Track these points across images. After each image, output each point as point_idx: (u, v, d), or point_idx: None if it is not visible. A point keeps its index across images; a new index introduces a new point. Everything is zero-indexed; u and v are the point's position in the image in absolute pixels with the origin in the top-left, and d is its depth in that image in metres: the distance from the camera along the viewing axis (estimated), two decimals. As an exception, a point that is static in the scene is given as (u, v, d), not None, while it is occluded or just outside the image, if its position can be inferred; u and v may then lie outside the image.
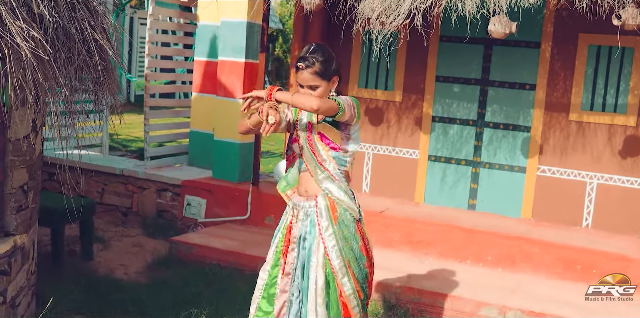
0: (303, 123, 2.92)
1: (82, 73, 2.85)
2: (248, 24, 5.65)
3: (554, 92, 5.46)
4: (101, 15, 3.11)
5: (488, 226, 5.17)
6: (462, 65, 5.73)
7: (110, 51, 3.04)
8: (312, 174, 2.88)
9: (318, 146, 2.87)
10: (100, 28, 3.02)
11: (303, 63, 2.75)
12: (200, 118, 6.20)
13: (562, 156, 5.47)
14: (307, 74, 2.76)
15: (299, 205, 2.94)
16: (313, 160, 2.87)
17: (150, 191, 5.81)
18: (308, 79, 2.77)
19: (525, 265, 4.86)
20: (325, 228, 2.84)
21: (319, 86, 2.79)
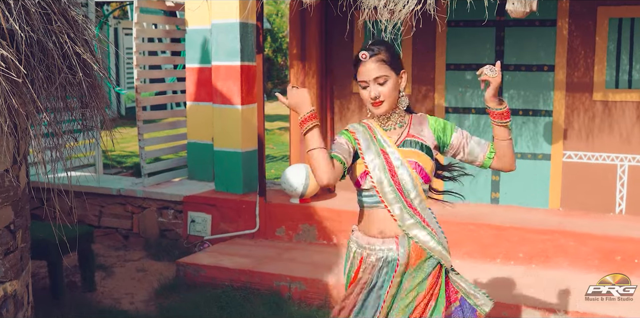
0: (373, 151, 2.39)
1: (65, 93, 2.66)
2: (241, 25, 5.50)
3: (575, 71, 5.31)
4: (82, 26, 2.89)
5: (516, 221, 5.03)
6: (474, 50, 5.58)
7: (95, 65, 2.84)
8: (396, 218, 2.37)
9: (407, 180, 2.37)
10: (82, 41, 2.83)
11: (366, 51, 2.34)
12: (198, 128, 6.06)
13: (589, 139, 5.33)
14: (371, 64, 2.33)
15: (373, 248, 2.42)
16: (399, 201, 2.36)
17: (151, 210, 5.68)
18: (374, 68, 2.32)
19: (560, 260, 4.72)
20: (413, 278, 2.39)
21: (387, 79, 2.34)
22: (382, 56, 2.35)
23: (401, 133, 2.45)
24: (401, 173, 2.36)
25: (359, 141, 2.41)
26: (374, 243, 2.43)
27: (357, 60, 2.37)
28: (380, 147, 2.40)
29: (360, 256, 2.46)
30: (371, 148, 2.40)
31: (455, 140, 2.46)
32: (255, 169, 5.52)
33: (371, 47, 2.36)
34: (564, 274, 4.55)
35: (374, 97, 2.34)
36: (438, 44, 5.67)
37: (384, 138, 2.42)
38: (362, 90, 2.38)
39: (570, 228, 4.83)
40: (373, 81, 2.33)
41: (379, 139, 2.42)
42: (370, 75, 2.33)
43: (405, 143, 2.42)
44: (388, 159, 2.38)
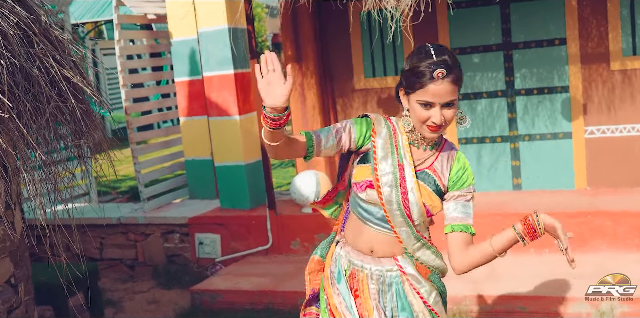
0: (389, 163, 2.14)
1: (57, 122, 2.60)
2: (231, 30, 5.46)
3: (588, 42, 5.32)
4: (68, 46, 2.81)
5: (544, 206, 5.01)
6: (479, 31, 5.59)
7: (88, 88, 2.76)
8: (402, 242, 2.19)
9: (415, 208, 2.15)
10: (70, 63, 2.76)
11: (442, 68, 1.99)
12: (194, 144, 6.04)
13: (610, 111, 5.33)
14: (447, 85, 2.01)
15: (366, 267, 2.25)
16: (406, 224, 2.17)
17: (155, 236, 5.66)
18: (449, 92, 2.01)
19: (598, 242, 4.71)
20: (427, 293, 2.24)
21: (455, 103, 2.06)
22: (455, 74, 2.03)
23: (426, 158, 2.20)
24: (411, 202, 2.14)
25: (377, 147, 2.15)
26: (369, 262, 2.24)
27: (423, 75, 2.01)
28: (399, 161, 2.15)
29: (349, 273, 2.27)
30: (388, 159, 2.15)
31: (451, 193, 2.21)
32: (261, 182, 5.50)
33: (443, 59, 2.01)
34: (605, 257, 4.54)
35: (440, 123, 2.05)
36: (440, 28, 5.68)
37: (406, 153, 2.16)
38: (420, 107, 2.05)
39: (603, 208, 4.83)
40: (442, 106, 2.03)
41: (400, 150, 2.16)
42: (443, 98, 2.02)
43: (424, 175, 2.17)
44: (403, 176, 2.14)
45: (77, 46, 2.86)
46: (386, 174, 2.14)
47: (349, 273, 2.27)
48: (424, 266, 2.25)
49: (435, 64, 2.01)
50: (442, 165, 2.20)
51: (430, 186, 2.17)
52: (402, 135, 2.18)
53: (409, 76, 2.07)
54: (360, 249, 2.26)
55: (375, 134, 2.16)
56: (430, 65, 2.01)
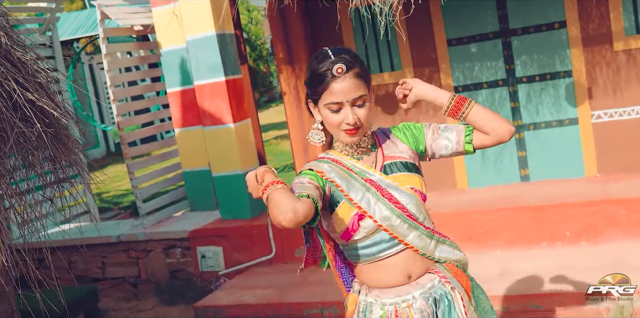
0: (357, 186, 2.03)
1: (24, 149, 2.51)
2: (219, 37, 5.38)
3: (589, 24, 5.17)
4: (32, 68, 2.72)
5: (554, 197, 4.91)
6: (474, 20, 5.46)
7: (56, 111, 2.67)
8: (419, 249, 2.05)
9: (410, 203, 2.05)
10: (35, 85, 2.69)
11: (341, 64, 1.93)
12: (191, 155, 5.97)
13: (617, 94, 5.19)
14: (350, 80, 1.94)
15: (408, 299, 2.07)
16: (415, 227, 2.04)
17: (157, 252, 5.59)
18: (353, 87, 1.94)
19: (612, 232, 4.58)
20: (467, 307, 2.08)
21: (366, 100, 1.98)
22: (358, 69, 1.96)
23: (375, 158, 2.10)
24: (402, 199, 2.03)
25: (335, 181, 2.02)
26: (408, 290, 2.06)
27: (324, 75, 1.94)
28: (362, 177, 2.04)
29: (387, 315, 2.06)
30: (353, 183, 2.02)
31: (428, 142, 2.13)
32: (261, 189, 5.39)
33: (342, 56, 1.95)
34: (620, 247, 4.40)
35: (354, 124, 1.96)
36: (434, 19, 5.55)
37: (360, 167, 2.06)
38: (330, 113, 1.97)
39: (616, 195, 4.70)
40: (350, 103, 1.95)
41: (354, 169, 2.05)
42: (349, 95, 1.93)
43: (388, 169, 2.08)
44: (380, 187, 2.03)
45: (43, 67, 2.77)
46: (363, 197, 2.01)
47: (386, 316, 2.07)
48: (461, 273, 2.12)
49: (334, 62, 1.94)
50: (390, 146, 2.13)
51: (401, 170, 2.07)
52: (346, 161, 2.08)
53: (312, 82, 1.99)
54: (395, 283, 2.07)
55: (323, 172, 2.04)
56: (329, 64, 1.94)
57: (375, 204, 2.00)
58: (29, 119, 2.52)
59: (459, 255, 2.17)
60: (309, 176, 2.01)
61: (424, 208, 2.09)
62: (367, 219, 2.00)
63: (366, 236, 2.03)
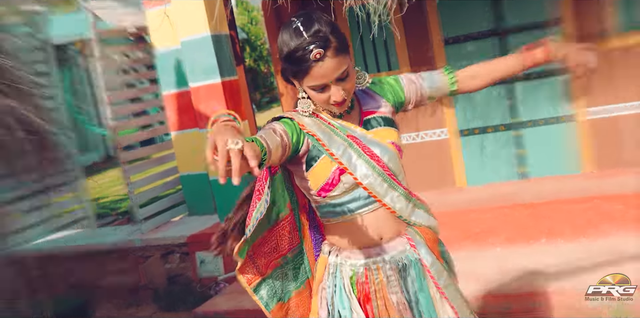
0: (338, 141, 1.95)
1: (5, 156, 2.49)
2: (214, 38, 5.35)
3: (584, 21, 5.15)
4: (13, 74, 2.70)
5: (552, 194, 4.91)
6: (470, 18, 5.43)
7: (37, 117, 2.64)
8: (396, 211, 2.03)
9: (392, 160, 2.02)
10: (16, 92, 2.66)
11: (318, 45, 1.77)
12: (188, 159, 5.93)
13: (612, 90, 5.15)
14: (329, 61, 1.79)
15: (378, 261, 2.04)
16: (395, 188, 2.01)
17: (155, 258, 5.56)
18: (335, 66, 1.81)
19: (609, 227, 4.57)
20: (437, 275, 2.06)
21: (349, 70, 1.88)
22: (334, 43, 1.81)
23: (357, 114, 2.05)
24: (383, 156, 1.99)
25: (317, 135, 1.94)
26: (379, 252, 2.02)
27: (301, 60, 1.79)
28: (345, 133, 1.97)
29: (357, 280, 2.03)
30: (335, 139, 1.95)
31: (408, 93, 2.11)
32: (258, 192, 5.37)
33: (315, 33, 1.78)
34: (619, 242, 4.37)
35: (342, 100, 1.89)
36: (430, 18, 5.52)
37: (342, 124, 1.99)
38: (315, 92, 1.88)
39: (612, 191, 4.69)
40: (335, 82, 1.85)
41: (336, 125, 1.98)
42: (333, 75, 1.83)
43: (368, 124, 2.03)
44: (361, 143, 1.97)
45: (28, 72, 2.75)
46: (344, 153, 1.95)
47: (356, 279, 2.04)
48: (429, 232, 2.10)
49: (309, 43, 1.78)
50: (369, 102, 2.08)
51: (382, 124, 2.05)
52: (324, 115, 2.01)
53: (288, 63, 1.84)
54: (366, 244, 2.03)
55: (304, 126, 1.96)
56: (304, 47, 1.78)
57: (356, 160, 1.95)
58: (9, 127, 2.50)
59: (432, 222, 2.14)
60: (286, 125, 1.91)
61: (401, 164, 2.08)
62: (348, 175, 1.95)
63: (345, 191, 1.98)
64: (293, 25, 1.82)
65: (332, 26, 1.84)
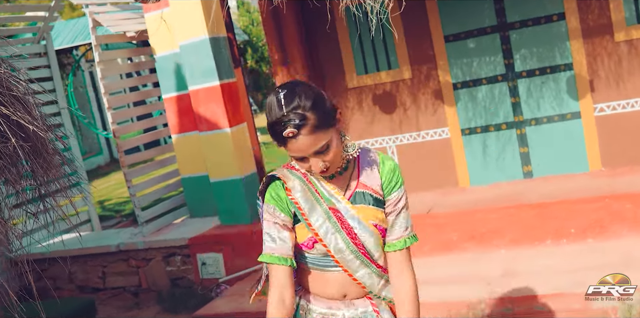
0: (319, 212, 1.97)
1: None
2: (212, 40, 5.31)
3: (589, 14, 5.07)
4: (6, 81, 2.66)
5: (558, 193, 4.82)
6: (471, 15, 5.37)
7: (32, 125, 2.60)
8: (365, 286, 2.03)
9: (369, 240, 1.99)
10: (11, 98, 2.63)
11: (293, 125, 1.78)
12: (188, 161, 5.90)
13: (619, 86, 5.08)
14: (305, 139, 1.81)
15: (337, 314, 2.06)
16: (366, 265, 2.01)
17: (157, 261, 5.53)
18: (311, 143, 1.82)
19: (618, 228, 4.48)
20: None
21: (330, 143, 1.86)
22: (312, 121, 1.80)
23: (349, 179, 2.01)
24: (361, 234, 1.97)
25: (299, 204, 1.96)
26: (339, 306, 2.05)
27: (277, 134, 1.82)
28: (328, 204, 1.97)
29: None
30: (316, 207, 1.96)
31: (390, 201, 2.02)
32: (259, 194, 5.32)
33: (293, 110, 1.79)
34: (628, 243, 4.28)
35: (321, 171, 1.89)
36: (430, 15, 5.46)
37: (329, 191, 1.98)
38: (297, 160, 1.90)
39: (621, 190, 4.61)
40: (313, 155, 1.85)
41: (323, 193, 1.98)
42: (309, 150, 1.83)
43: (358, 197, 1.99)
44: (342, 218, 1.96)
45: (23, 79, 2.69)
46: (322, 225, 1.96)
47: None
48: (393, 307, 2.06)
49: (285, 121, 1.78)
50: (369, 176, 2.02)
51: (370, 203, 1.99)
52: (316, 178, 2.00)
53: (269, 132, 1.86)
54: (330, 296, 2.06)
55: (290, 190, 1.98)
56: (281, 123, 1.79)
57: (332, 234, 1.95)
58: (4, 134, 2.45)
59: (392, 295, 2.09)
60: (278, 207, 1.97)
61: (382, 245, 2.02)
62: (324, 246, 1.96)
63: (321, 254, 2.00)
64: (276, 97, 1.83)
65: (314, 100, 1.83)
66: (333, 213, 1.97)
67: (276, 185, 1.99)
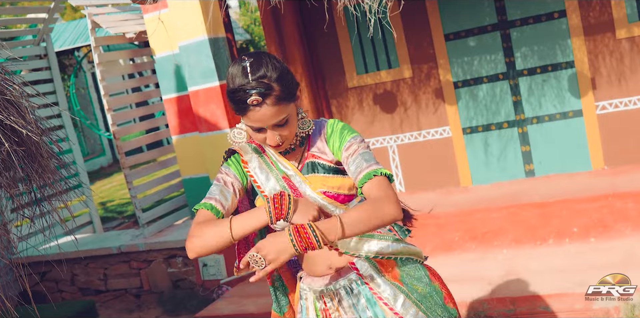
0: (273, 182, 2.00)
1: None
2: (211, 41, 5.29)
3: (590, 11, 5.02)
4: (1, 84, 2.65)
5: (560, 192, 4.77)
6: (471, 13, 5.33)
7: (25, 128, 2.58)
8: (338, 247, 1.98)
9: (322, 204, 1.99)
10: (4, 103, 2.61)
11: (258, 92, 1.79)
12: (189, 162, 5.88)
13: (621, 83, 5.03)
14: (267, 110, 1.82)
15: (331, 289, 2.06)
16: None
17: (158, 262, 5.51)
18: (272, 114, 1.83)
19: (621, 227, 4.44)
20: (392, 298, 2.02)
21: (289, 118, 1.89)
22: (276, 92, 1.81)
23: (302, 153, 2.03)
24: (312, 198, 1.97)
25: (254, 176, 2.00)
26: (330, 280, 2.05)
27: (239, 101, 1.81)
28: (281, 173, 2.00)
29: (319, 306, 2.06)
30: (270, 178, 2.00)
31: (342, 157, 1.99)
32: (260, 194, 5.30)
33: (258, 79, 1.79)
34: (631, 242, 4.25)
35: (276, 144, 1.91)
36: (430, 14, 5.42)
37: (283, 163, 2.01)
38: (253, 131, 1.90)
39: (624, 188, 4.55)
40: (272, 128, 1.87)
41: (277, 164, 2.01)
42: (269, 121, 1.84)
43: (307, 167, 2.01)
44: (293, 187, 1.98)
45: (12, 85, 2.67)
46: (273, 189, 2.00)
47: (319, 306, 2.08)
48: (388, 262, 2.03)
49: (250, 88, 1.79)
50: (317, 145, 2.03)
51: (320, 172, 2.00)
52: (271, 150, 2.03)
53: (229, 99, 1.86)
54: (320, 273, 2.07)
55: (247, 162, 2.03)
56: (245, 90, 1.79)
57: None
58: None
59: (394, 247, 2.02)
60: (233, 168, 2.02)
61: (342, 208, 1.98)
62: None
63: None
64: (242, 64, 1.83)
65: (280, 72, 1.85)
66: (286, 182, 2.00)
67: (236, 156, 2.05)
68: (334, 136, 2.01)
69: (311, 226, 1.73)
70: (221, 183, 1.99)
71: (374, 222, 1.78)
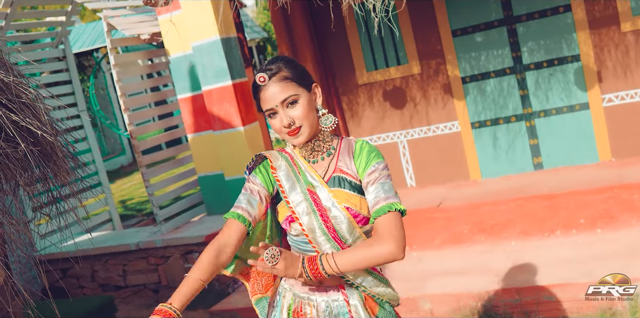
0: (298, 192, 2.04)
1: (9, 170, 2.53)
2: (223, 41, 5.39)
3: (595, 5, 5.04)
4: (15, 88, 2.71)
5: (567, 184, 4.80)
6: (478, 9, 5.37)
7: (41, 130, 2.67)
8: None
9: (342, 225, 2.02)
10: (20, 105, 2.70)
11: (263, 73, 1.97)
12: (205, 160, 5.98)
13: (627, 76, 5.04)
14: (274, 86, 1.97)
15: (312, 299, 2.11)
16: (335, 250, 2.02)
17: (175, 258, 5.61)
18: (279, 91, 1.96)
19: (627, 218, 4.46)
20: None
21: (298, 98, 1.99)
22: (284, 73, 1.99)
23: (329, 164, 2.08)
24: (334, 217, 2.02)
25: (281, 182, 2.06)
26: (315, 293, 2.09)
27: (256, 85, 2.00)
28: (307, 185, 2.05)
29: (294, 308, 2.11)
30: (296, 187, 2.05)
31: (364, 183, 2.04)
32: (274, 190, 5.38)
33: (268, 66, 2.00)
34: (637, 233, 4.27)
35: (288, 125, 1.98)
36: (438, 11, 5.46)
37: (311, 173, 2.06)
38: (272, 120, 2.01)
39: (631, 180, 4.57)
40: (281, 105, 1.97)
41: (304, 174, 2.06)
42: (277, 99, 1.97)
43: (334, 181, 2.05)
44: (317, 200, 2.03)
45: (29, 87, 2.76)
46: (299, 204, 2.04)
47: (294, 307, 2.13)
48: (371, 299, 2.09)
49: (260, 70, 2.01)
50: (345, 161, 2.09)
51: (344, 187, 2.05)
52: (300, 160, 2.10)
53: (252, 94, 2.07)
54: (309, 282, 2.10)
55: (275, 169, 2.10)
56: (255, 74, 2.00)
57: (307, 214, 2.03)
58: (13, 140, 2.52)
59: (382, 290, 2.11)
60: (260, 177, 2.09)
61: (359, 231, 2.04)
62: (299, 225, 2.04)
63: (298, 234, 2.07)
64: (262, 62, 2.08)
65: (289, 63, 2.03)
66: (310, 195, 2.04)
67: (265, 163, 2.12)
68: (361, 157, 2.06)
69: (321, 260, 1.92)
70: (248, 191, 2.07)
71: (373, 261, 1.91)
